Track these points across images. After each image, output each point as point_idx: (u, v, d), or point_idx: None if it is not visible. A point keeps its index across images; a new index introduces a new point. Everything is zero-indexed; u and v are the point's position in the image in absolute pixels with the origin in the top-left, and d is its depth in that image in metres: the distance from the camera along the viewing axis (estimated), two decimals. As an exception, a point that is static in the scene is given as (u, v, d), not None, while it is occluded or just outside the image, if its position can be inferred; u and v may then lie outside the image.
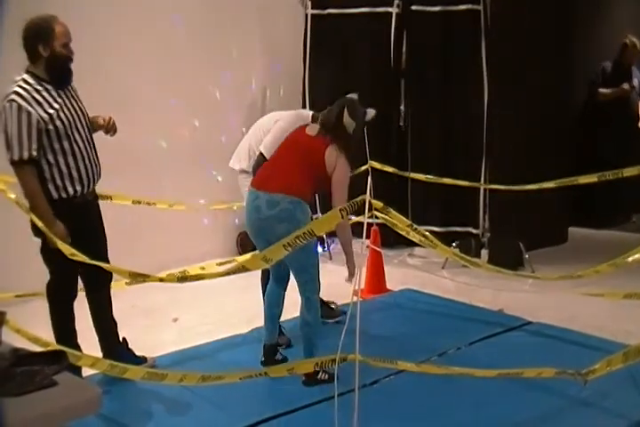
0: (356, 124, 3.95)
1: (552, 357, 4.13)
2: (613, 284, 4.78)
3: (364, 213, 3.09)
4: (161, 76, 6.12)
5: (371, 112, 4.00)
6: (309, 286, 3.93)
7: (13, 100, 3.62)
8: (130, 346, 4.27)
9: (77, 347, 3.91)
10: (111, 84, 5.60)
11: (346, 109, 3.92)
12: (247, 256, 4.85)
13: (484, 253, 6.41)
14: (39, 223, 3.65)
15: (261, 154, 4.35)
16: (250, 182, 4.05)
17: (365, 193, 3.11)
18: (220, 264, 5.23)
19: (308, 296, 3.94)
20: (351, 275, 3.93)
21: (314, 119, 4.39)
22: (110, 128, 4.06)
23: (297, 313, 4.10)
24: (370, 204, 3.05)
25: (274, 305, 4.18)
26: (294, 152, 3.89)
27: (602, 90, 7.45)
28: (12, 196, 4.11)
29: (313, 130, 3.95)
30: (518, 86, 6.16)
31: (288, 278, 4.17)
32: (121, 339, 4.23)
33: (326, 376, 3.93)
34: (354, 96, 4.10)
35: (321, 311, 4.21)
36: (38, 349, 3.35)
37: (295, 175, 3.81)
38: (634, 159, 6.87)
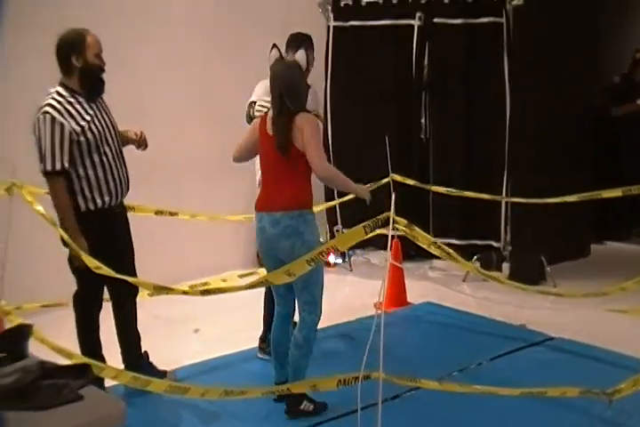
0: (300, 82, 3.80)
1: (575, 374, 4.11)
2: (637, 300, 4.74)
3: (387, 226, 3.09)
4: (181, 87, 6.16)
5: (300, 56, 3.81)
6: (309, 306, 3.79)
7: (47, 112, 3.68)
8: (151, 358, 4.29)
9: (101, 358, 3.94)
10: (129, 95, 5.63)
11: (285, 94, 3.69)
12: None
13: (506, 266, 6.37)
14: (65, 236, 3.68)
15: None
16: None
17: (389, 208, 3.11)
18: (242, 276, 5.25)
19: (304, 316, 3.80)
20: (366, 198, 3.83)
21: None
22: (142, 142, 4.12)
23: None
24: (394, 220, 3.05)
25: (278, 344, 4.01)
26: (274, 162, 3.76)
27: (616, 108, 7.45)
28: (39, 208, 4.15)
29: (270, 126, 3.77)
30: (540, 100, 6.14)
31: (293, 314, 4.06)
32: (143, 352, 4.25)
33: (310, 407, 3.82)
34: (276, 66, 3.80)
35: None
36: (62, 359, 3.38)
37: (288, 187, 3.73)
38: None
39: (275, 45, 3.93)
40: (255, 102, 4.40)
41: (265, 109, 4.04)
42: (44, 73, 3.98)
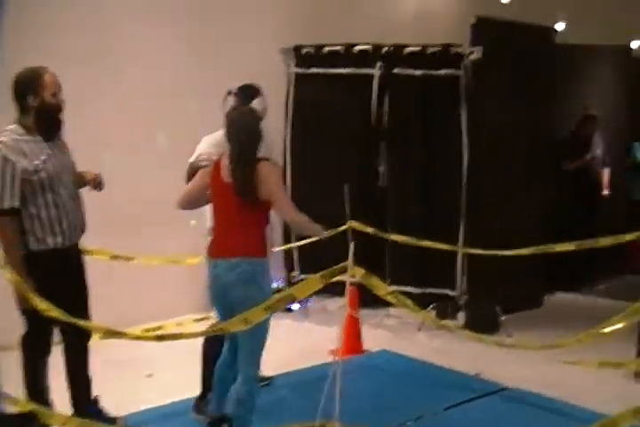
0: (256, 129, 3.80)
1: (529, 424, 4.14)
2: (591, 351, 4.77)
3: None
4: (141, 130, 6.16)
5: (258, 103, 3.90)
6: (251, 357, 3.72)
7: None
8: (102, 403, 4.19)
9: (49, 404, 3.83)
10: (89, 136, 5.62)
11: (244, 142, 3.71)
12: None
13: (461, 315, 6.40)
14: (12, 277, 3.59)
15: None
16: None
17: (347, 257, 3.12)
18: (197, 320, 5.18)
19: (247, 371, 3.71)
20: (320, 236, 3.84)
21: None
22: (97, 184, 4.08)
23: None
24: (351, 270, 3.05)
25: (222, 382, 3.95)
26: (231, 210, 3.73)
27: (566, 162, 7.65)
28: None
29: (226, 174, 3.75)
30: (497, 150, 6.27)
31: None
32: (93, 397, 4.15)
33: None
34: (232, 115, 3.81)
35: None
36: (7, 406, 3.28)
37: (246, 234, 3.70)
38: (601, 225, 7.10)
39: (230, 92, 3.96)
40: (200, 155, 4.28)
41: (210, 159, 3.99)
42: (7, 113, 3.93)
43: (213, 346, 4.19)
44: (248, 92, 4.33)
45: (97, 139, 5.67)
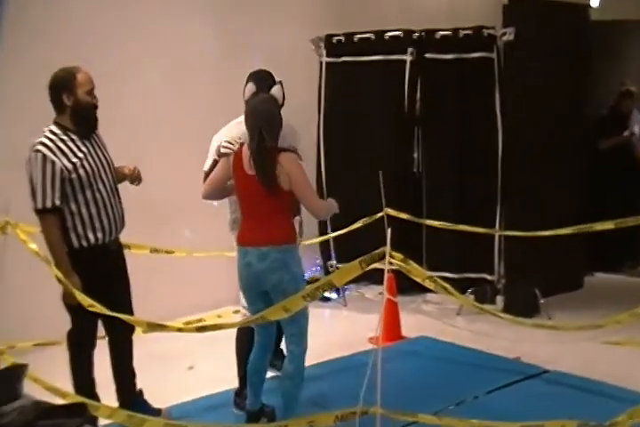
0: (277, 117, 3.76)
1: (572, 407, 4.09)
2: (632, 332, 4.74)
3: (382, 261, 3.10)
4: (178, 127, 6.20)
5: (277, 91, 3.79)
6: (296, 338, 3.80)
7: (39, 151, 3.71)
8: (146, 396, 4.26)
9: (95, 396, 3.91)
10: (130, 131, 5.68)
11: (264, 129, 3.67)
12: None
13: (500, 299, 6.38)
14: (58, 274, 3.68)
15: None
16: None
17: (384, 242, 3.12)
18: (236, 312, 5.22)
19: (293, 349, 3.81)
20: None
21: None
22: (135, 178, 4.13)
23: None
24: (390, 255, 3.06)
25: (255, 373, 4.03)
26: (256, 199, 3.74)
27: (603, 141, 7.53)
28: (33, 246, 4.15)
29: (248, 166, 3.75)
30: (533, 132, 6.21)
31: (272, 347, 4.11)
32: (137, 390, 4.22)
33: None
34: (256, 103, 3.76)
35: (281, 363, 4.12)
36: (56, 399, 3.36)
37: (273, 223, 3.73)
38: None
39: (250, 79, 3.96)
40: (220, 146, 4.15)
41: (231, 147, 3.94)
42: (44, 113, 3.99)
43: (244, 342, 4.26)
44: (265, 78, 4.20)
45: (129, 133, 5.72)
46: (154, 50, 6.11)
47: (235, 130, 4.17)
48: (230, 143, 3.95)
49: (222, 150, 3.94)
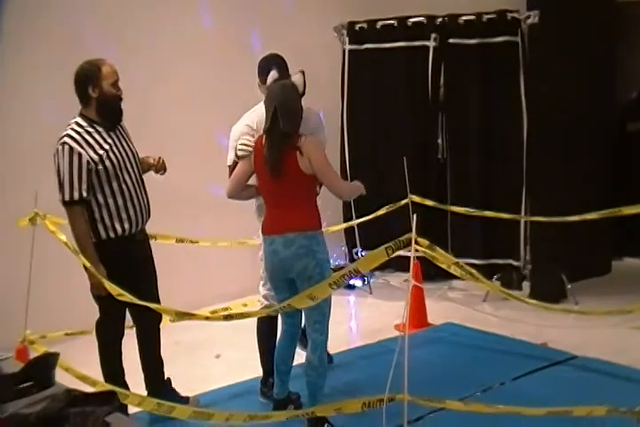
0: (295, 103, 3.76)
1: (601, 393, 4.06)
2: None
3: (407, 248, 3.09)
4: (201, 114, 6.22)
5: (298, 78, 3.78)
6: (318, 325, 3.81)
7: (65, 143, 3.75)
8: (174, 384, 4.30)
9: (125, 385, 3.95)
10: (153, 122, 5.71)
11: (279, 112, 3.68)
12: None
13: (526, 285, 6.35)
14: (87, 264, 3.72)
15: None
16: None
17: (410, 228, 3.11)
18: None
19: (315, 338, 3.81)
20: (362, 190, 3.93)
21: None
22: (160, 167, 4.16)
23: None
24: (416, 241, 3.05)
25: (282, 362, 4.06)
26: (276, 185, 3.74)
27: (632, 123, 7.42)
28: (63, 237, 4.20)
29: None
30: (557, 117, 6.15)
31: (299, 333, 4.12)
32: (166, 378, 4.27)
33: None
34: (273, 88, 3.79)
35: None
36: (86, 387, 3.40)
37: (298, 209, 3.75)
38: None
39: (274, 66, 3.96)
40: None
41: (248, 149, 3.90)
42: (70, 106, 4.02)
43: (265, 332, 4.29)
44: (284, 65, 4.21)
45: (153, 125, 5.75)
46: (176, 46, 6.13)
47: (252, 115, 4.18)
48: (246, 145, 3.94)
49: (240, 153, 3.92)
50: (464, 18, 6.46)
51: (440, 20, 6.60)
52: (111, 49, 5.21)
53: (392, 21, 6.71)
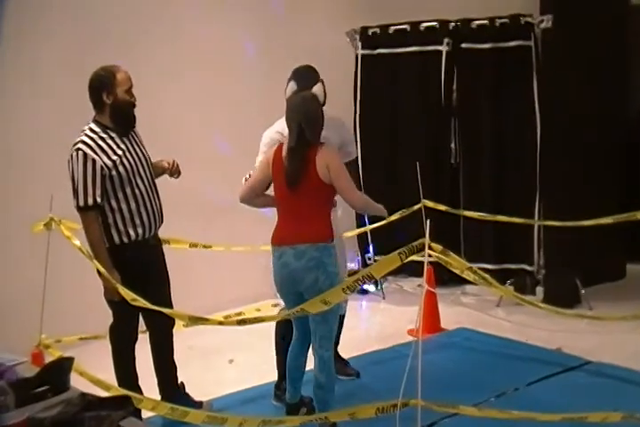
0: (317, 113, 3.77)
1: (616, 399, 4.05)
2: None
3: (421, 253, 3.09)
4: (214, 119, 6.24)
5: (318, 89, 3.82)
6: (325, 342, 3.75)
7: (79, 149, 3.78)
8: (187, 389, 4.31)
9: (138, 389, 3.97)
10: (166, 126, 5.73)
11: (304, 125, 3.69)
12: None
13: (540, 290, 6.33)
14: (101, 269, 3.74)
15: None
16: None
17: (422, 234, 3.11)
18: (275, 305, 5.26)
19: (322, 354, 3.76)
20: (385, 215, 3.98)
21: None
22: (174, 171, 4.18)
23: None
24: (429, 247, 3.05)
25: (295, 369, 4.04)
26: (292, 195, 3.72)
27: None
28: (77, 242, 4.22)
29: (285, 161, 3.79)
30: (570, 121, 6.13)
31: (310, 344, 4.02)
32: (179, 383, 4.27)
33: None
34: (296, 100, 3.81)
35: (337, 366, 4.11)
36: (100, 391, 3.41)
37: (312, 220, 3.72)
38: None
39: (292, 77, 3.99)
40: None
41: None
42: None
43: (284, 335, 4.28)
44: (307, 75, 4.18)
45: (165, 129, 5.76)
46: (194, 51, 6.16)
47: (284, 123, 4.17)
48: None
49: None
50: (477, 22, 6.47)
51: (453, 24, 6.60)
52: (119, 51, 5.26)
53: (405, 26, 6.72)
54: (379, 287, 6.76)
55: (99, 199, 3.78)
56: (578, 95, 6.13)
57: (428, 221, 3.15)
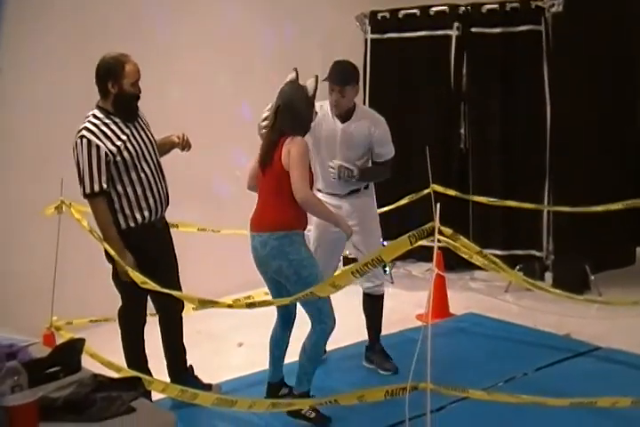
0: (299, 103, 3.82)
1: (625, 384, 4.04)
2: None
3: (430, 237, 3.08)
4: (223, 104, 6.23)
5: (310, 82, 3.85)
6: (315, 317, 3.85)
7: (83, 136, 3.77)
8: (196, 372, 4.33)
9: (148, 371, 3.98)
10: (171, 113, 5.72)
11: (279, 110, 3.80)
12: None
13: (548, 276, 6.32)
14: (112, 253, 3.75)
15: None
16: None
17: (432, 218, 3.10)
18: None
19: (315, 326, 3.88)
20: (349, 234, 3.98)
21: None
22: (185, 144, 4.16)
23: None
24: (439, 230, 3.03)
25: (276, 347, 4.13)
26: (264, 182, 3.86)
27: None
28: (86, 224, 4.23)
29: None
30: (581, 107, 6.10)
31: (293, 320, 4.14)
32: (188, 366, 4.29)
33: (312, 415, 3.84)
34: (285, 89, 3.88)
35: (376, 359, 4.26)
36: (111, 373, 3.43)
37: (274, 208, 3.80)
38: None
39: (295, 69, 4.00)
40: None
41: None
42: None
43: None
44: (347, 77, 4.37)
45: (172, 114, 5.75)
46: (193, 43, 6.13)
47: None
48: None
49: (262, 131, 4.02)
50: (487, 7, 6.42)
51: (463, 9, 6.56)
52: (123, 37, 5.26)
53: (414, 10, 6.69)
54: (387, 272, 6.75)
55: (105, 185, 3.78)
56: (589, 80, 6.08)
57: (438, 205, 3.13)
